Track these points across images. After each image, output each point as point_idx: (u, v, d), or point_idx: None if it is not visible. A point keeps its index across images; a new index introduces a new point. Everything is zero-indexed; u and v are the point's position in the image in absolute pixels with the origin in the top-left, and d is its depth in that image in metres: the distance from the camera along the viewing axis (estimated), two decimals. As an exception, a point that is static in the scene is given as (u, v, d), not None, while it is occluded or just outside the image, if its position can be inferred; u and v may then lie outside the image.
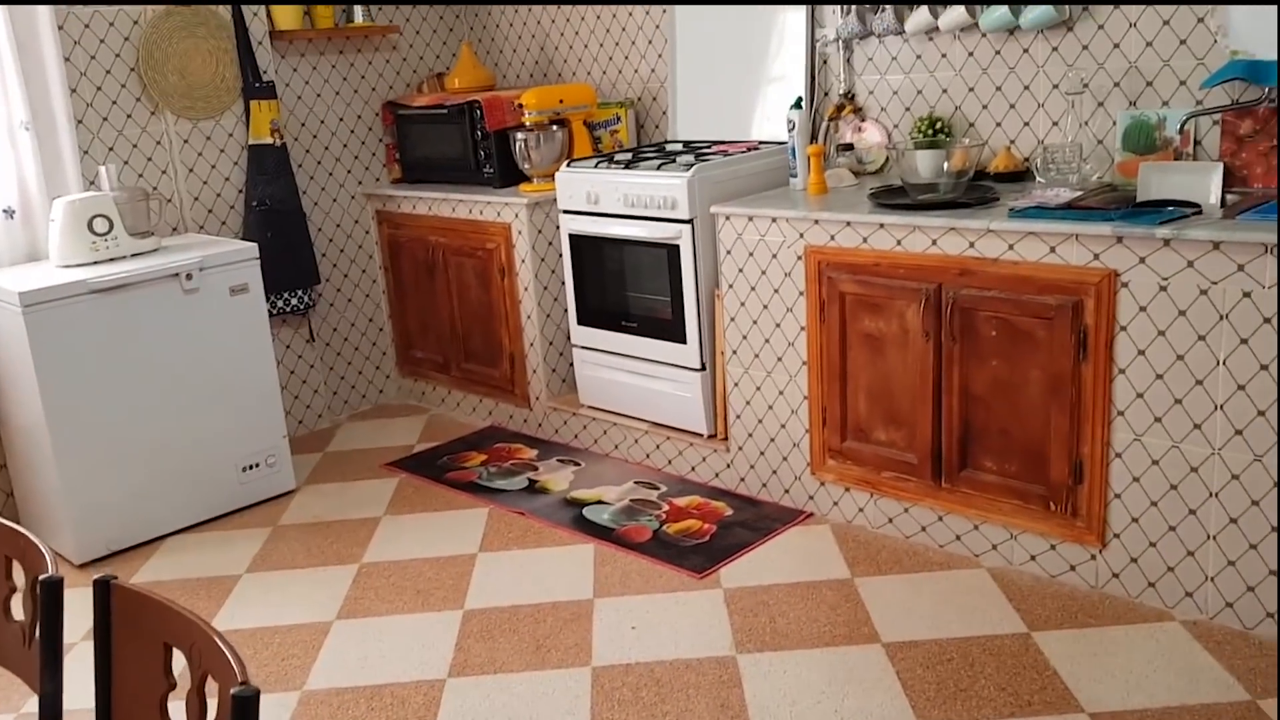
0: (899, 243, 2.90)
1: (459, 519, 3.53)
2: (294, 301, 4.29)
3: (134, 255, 3.56)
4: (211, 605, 3.11)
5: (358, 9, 4.33)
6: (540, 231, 3.96)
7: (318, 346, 4.48)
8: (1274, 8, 2.67)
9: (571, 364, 4.05)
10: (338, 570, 3.25)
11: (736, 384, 3.40)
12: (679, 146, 3.90)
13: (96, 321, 3.33)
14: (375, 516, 3.60)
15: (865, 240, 2.97)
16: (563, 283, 4.00)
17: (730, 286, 3.34)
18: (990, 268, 2.74)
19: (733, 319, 3.36)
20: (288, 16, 4.18)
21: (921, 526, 3.07)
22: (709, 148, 3.74)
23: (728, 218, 3.29)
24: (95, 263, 3.48)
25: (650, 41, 4.15)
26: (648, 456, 3.78)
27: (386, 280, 4.65)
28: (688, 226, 3.41)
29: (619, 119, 4.19)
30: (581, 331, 3.90)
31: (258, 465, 3.74)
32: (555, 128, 4.05)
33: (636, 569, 3.10)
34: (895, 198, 3.04)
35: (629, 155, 3.78)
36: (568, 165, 3.79)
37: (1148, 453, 2.60)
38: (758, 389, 3.35)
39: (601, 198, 3.64)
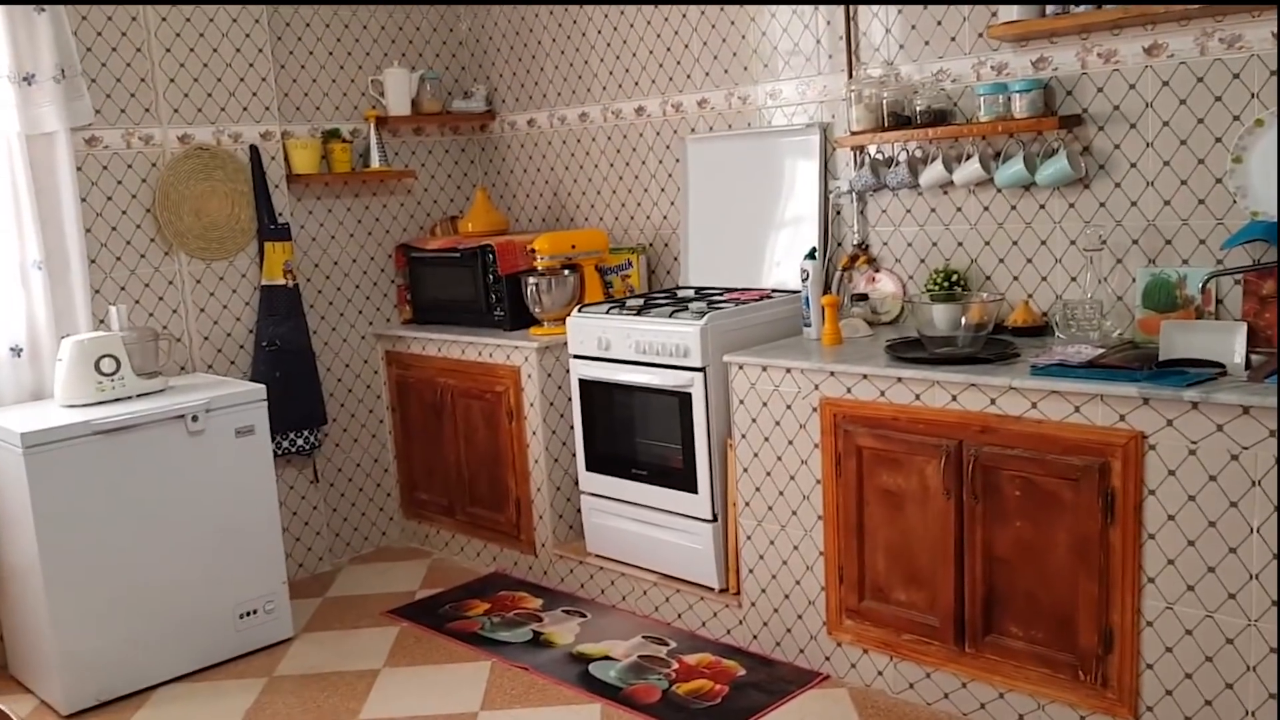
0: (918, 397, 2.85)
1: (460, 673, 3.39)
2: (299, 442, 4.23)
3: (140, 395, 3.52)
4: (198, 767, 2.96)
5: (374, 154, 4.40)
6: (550, 375, 3.92)
7: (321, 487, 4.40)
8: (1289, 171, 2.67)
9: (579, 510, 3.96)
10: (332, 729, 3.11)
11: (749, 537, 3.31)
12: (691, 293, 3.90)
13: (98, 463, 3.26)
14: (374, 668, 3.46)
15: (883, 394, 2.92)
16: (571, 428, 3.95)
17: (743, 436, 3.27)
18: (1013, 425, 2.68)
19: (745, 469, 3.29)
20: (305, 160, 4.24)
21: (944, 693, 2.93)
22: (721, 295, 3.73)
23: (741, 367, 3.25)
24: (100, 403, 3.43)
25: (663, 189, 4.19)
26: (656, 609, 3.65)
27: (393, 421, 4.60)
28: (700, 374, 3.37)
29: (630, 264, 4.20)
30: (590, 478, 3.82)
31: (256, 612, 3.62)
32: (567, 272, 4.05)
33: (645, 734, 2.95)
34: (912, 350, 3.01)
35: (641, 301, 3.77)
36: (579, 310, 3.78)
37: (1180, 622, 2.49)
38: (771, 543, 3.25)
39: (613, 343, 3.62)
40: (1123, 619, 2.56)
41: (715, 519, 3.44)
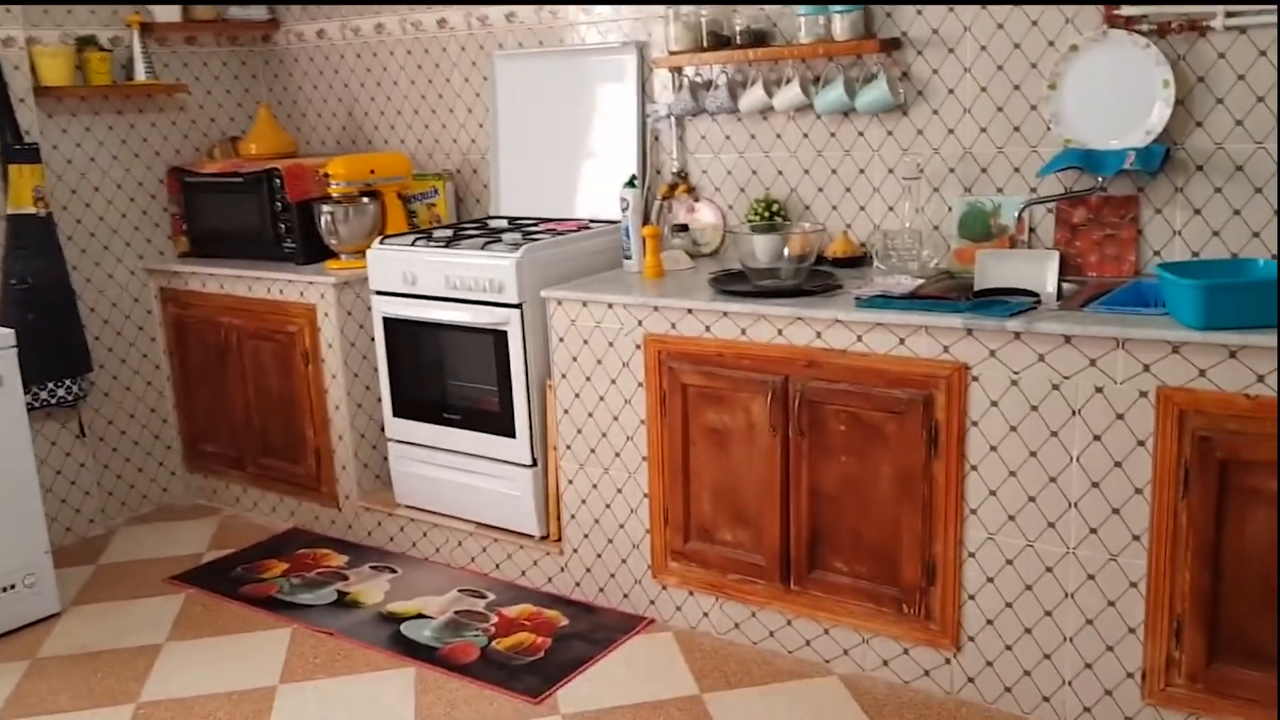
0: (743, 332, 2.74)
1: (256, 643, 3.10)
2: (60, 392, 3.77)
3: None
4: (-53, 768, 2.59)
5: (138, 66, 3.91)
6: (350, 314, 3.62)
7: (89, 442, 3.95)
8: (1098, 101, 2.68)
9: (386, 459, 3.70)
10: (109, 713, 2.78)
11: (571, 481, 3.15)
12: (503, 224, 3.66)
13: None
14: (156, 643, 3.13)
15: (708, 329, 2.80)
16: (375, 370, 3.67)
17: (563, 376, 3.10)
18: (838, 359, 2.61)
19: (566, 411, 3.11)
20: (56, 71, 3.72)
21: (770, 631, 2.88)
22: (536, 226, 3.52)
23: (560, 302, 3.06)
24: None
25: (470, 110, 3.91)
26: (473, 560, 3.46)
27: (171, 366, 4.18)
28: (516, 311, 3.16)
29: (436, 192, 3.92)
30: (397, 424, 3.56)
31: (14, 586, 3.21)
32: (366, 200, 3.73)
33: (464, 696, 2.77)
34: (736, 283, 2.89)
35: (449, 232, 3.51)
36: (380, 242, 3.49)
37: (1001, 552, 2.50)
38: (594, 486, 3.11)
39: (420, 278, 3.35)
40: (945, 551, 2.55)
41: (534, 464, 3.26)
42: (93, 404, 3.97)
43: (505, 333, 3.19)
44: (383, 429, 3.67)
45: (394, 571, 3.50)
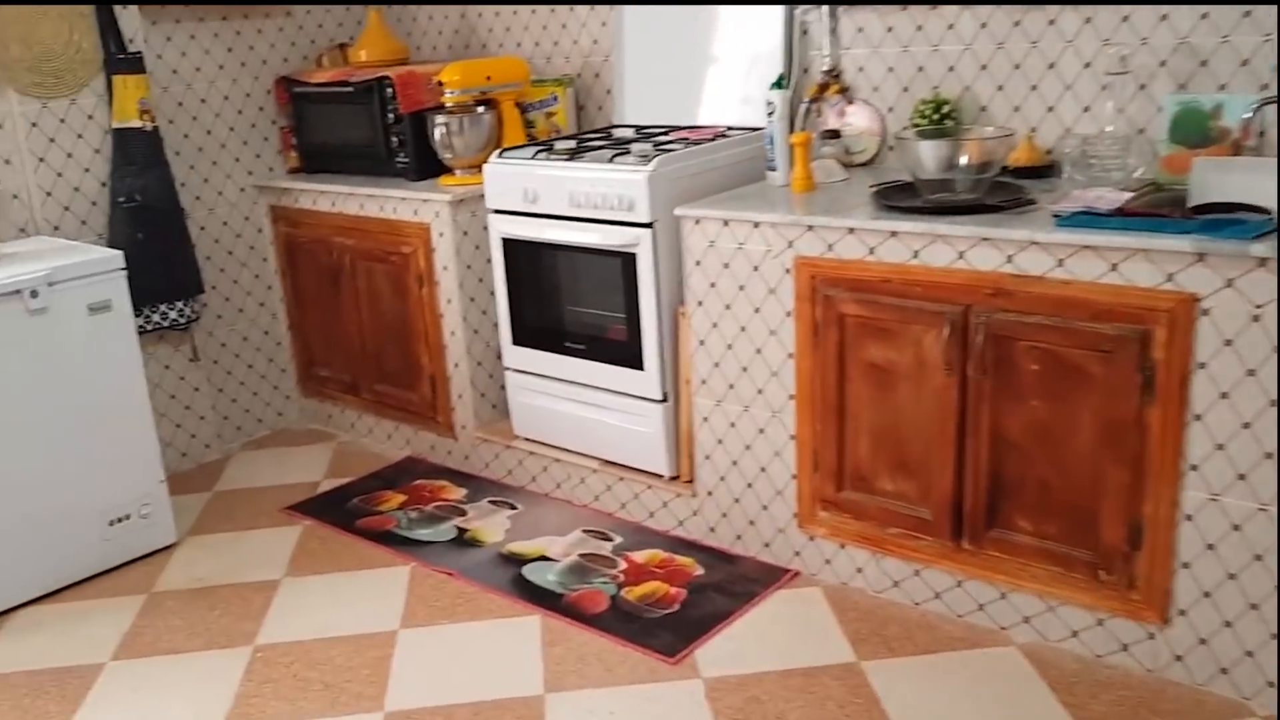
0: (915, 255, 2.38)
1: (375, 581, 2.93)
2: (173, 315, 3.62)
3: (-38, 266, 2.88)
4: (65, 709, 2.47)
5: (244, -33, 3.67)
6: (466, 234, 3.36)
7: (203, 366, 3.82)
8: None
9: (504, 388, 3.47)
10: (225, 656, 2.63)
11: (706, 419, 2.86)
12: (630, 133, 3.33)
13: (-91, 353, 2.65)
14: (273, 579, 2.98)
15: (872, 251, 2.45)
16: (493, 294, 3.41)
17: (699, 304, 2.79)
18: (1033, 288, 2.24)
19: (702, 342, 2.81)
20: (158, -26, 3.50)
21: (935, 593, 2.57)
22: (666, 135, 3.18)
23: (697, 221, 2.74)
24: (-91, 277, 2.79)
25: (591, 8, 3.56)
26: (596, 499, 3.22)
27: (284, 287, 4.00)
28: (647, 231, 2.85)
29: (556, 99, 3.60)
30: (516, 353, 3.31)
31: (128, 517, 3.09)
32: (481, 110, 3.44)
33: (594, 651, 2.54)
34: (904, 198, 2.52)
35: (572, 144, 3.20)
36: (498, 156, 3.20)
37: (1226, 515, 2.13)
38: (732, 425, 2.81)
39: (541, 195, 3.06)
40: (1156, 511, 2.19)
41: (665, 399, 2.98)
42: (205, 326, 3.82)
43: (634, 255, 2.89)
44: (500, 357, 3.43)
45: (513, 508, 3.28)
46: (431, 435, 3.65)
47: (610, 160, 2.92)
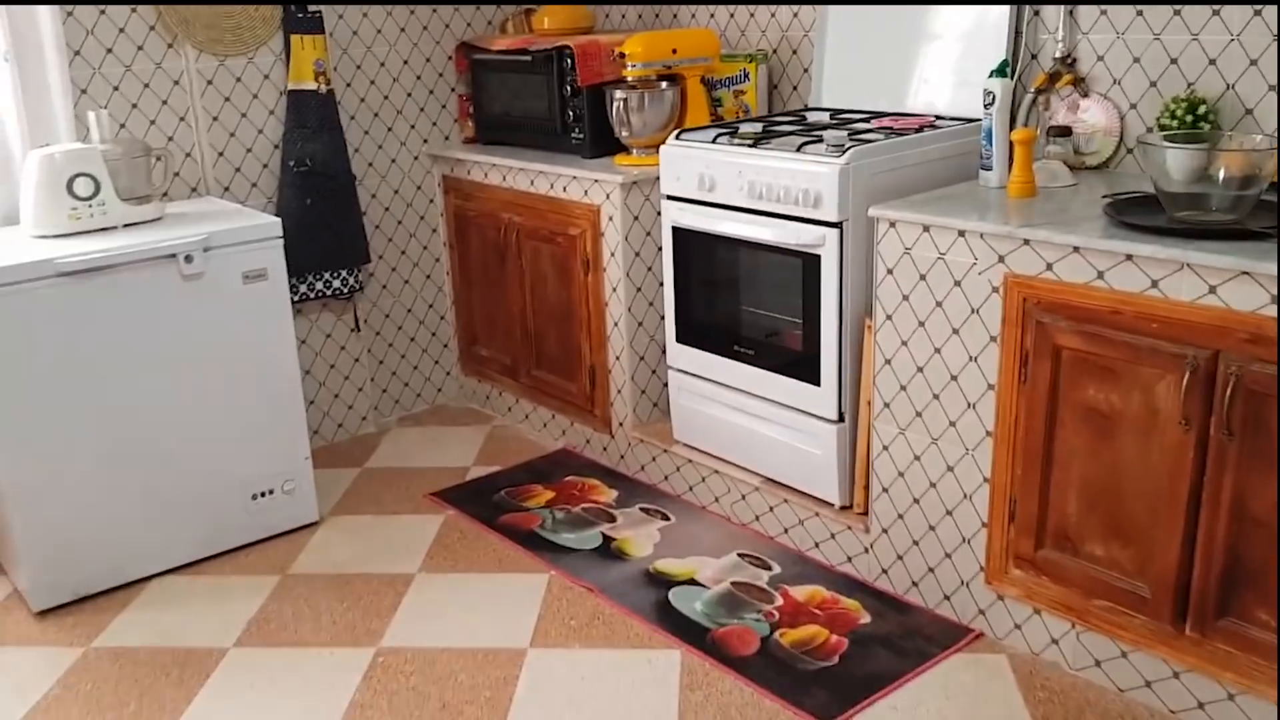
0: (1154, 284, 1.99)
1: (510, 588, 2.75)
2: (335, 284, 3.53)
3: (126, 226, 2.83)
4: (179, 696, 2.38)
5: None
6: (637, 218, 3.11)
7: (365, 336, 3.73)
8: None
9: (666, 386, 3.22)
10: (347, 656, 2.50)
11: (886, 447, 2.53)
12: (824, 118, 3.01)
13: (66, 311, 2.61)
14: (408, 573, 2.84)
15: (1101, 276, 2.06)
16: (661, 285, 3.17)
17: (888, 317, 2.45)
18: (1308, 338, 1.82)
19: (888, 361, 2.48)
20: (343, -68, 3.38)
21: (1145, 681, 2.17)
22: (866, 123, 2.84)
23: (893, 224, 2.40)
24: (76, 234, 2.76)
25: (793, -21, 3.25)
26: (757, 519, 2.94)
27: (451, 261, 3.86)
28: (835, 231, 2.53)
29: (747, 76, 3.30)
30: (681, 351, 3.05)
31: (271, 492, 3.01)
32: (664, 85, 3.19)
33: (738, 702, 2.27)
34: (1145, 214, 2.12)
35: (758, 127, 2.90)
36: (677, 136, 2.93)
37: None
38: (916, 458, 2.47)
39: (719, 183, 2.78)
40: None
41: (841, 419, 2.66)
42: (369, 296, 3.73)
43: (818, 257, 2.58)
44: (664, 352, 3.18)
45: (666, 519, 3.04)
46: (587, 429, 3.44)
47: (798, 149, 2.61)
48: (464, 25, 3.77)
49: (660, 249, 3.15)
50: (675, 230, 2.95)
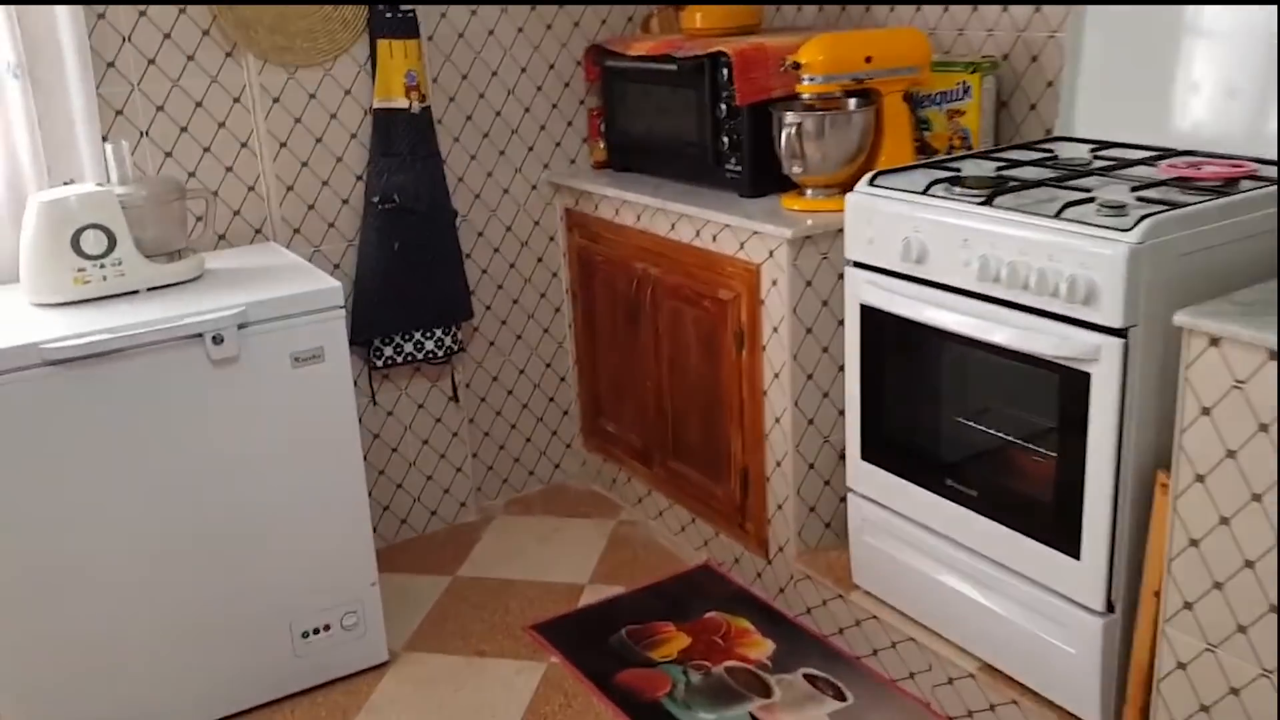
0: None
1: (623, 801, 2.01)
2: (430, 346, 2.86)
3: (151, 290, 2.22)
4: None
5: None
6: (809, 284, 2.32)
7: (467, 404, 3.05)
8: None
9: (844, 501, 2.42)
10: None
11: (1183, 665, 1.68)
12: (1083, 154, 2.14)
13: (61, 407, 2.00)
14: (490, 757, 2.15)
15: None
16: (840, 371, 2.37)
17: (1199, 479, 1.59)
18: None
19: (1195, 542, 1.62)
20: (447, -93, 2.68)
21: None
22: (1150, 165, 1.97)
23: (1215, 341, 1.53)
24: (83, 301, 2.15)
25: (1036, -41, 2.37)
26: (970, 717, 2.11)
27: (574, 311, 3.15)
28: (1117, 342, 1.68)
29: (967, 91, 2.45)
30: (866, 472, 2.24)
31: (327, 628, 2.35)
32: (853, 104, 2.38)
33: None
34: None
35: (989, 168, 2.06)
36: (872, 180, 2.12)
37: None
38: (1233, 691, 1.61)
39: (933, 253, 1.95)
40: None
41: (1111, 610, 1.81)
42: (474, 355, 3.05)
43: (1088, 376, 1.73)
44: (842, 457, 2.39)
45: (840, 697, 2.24)
46: (737, 545, 2.67)
47: (1058, 213, 1.76)
48: (598, 24, 3.03)
49: (840, 322, 2.35)
50: (865, 310, 2.14)
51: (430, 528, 3.03)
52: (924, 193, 1.99)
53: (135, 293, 2.20)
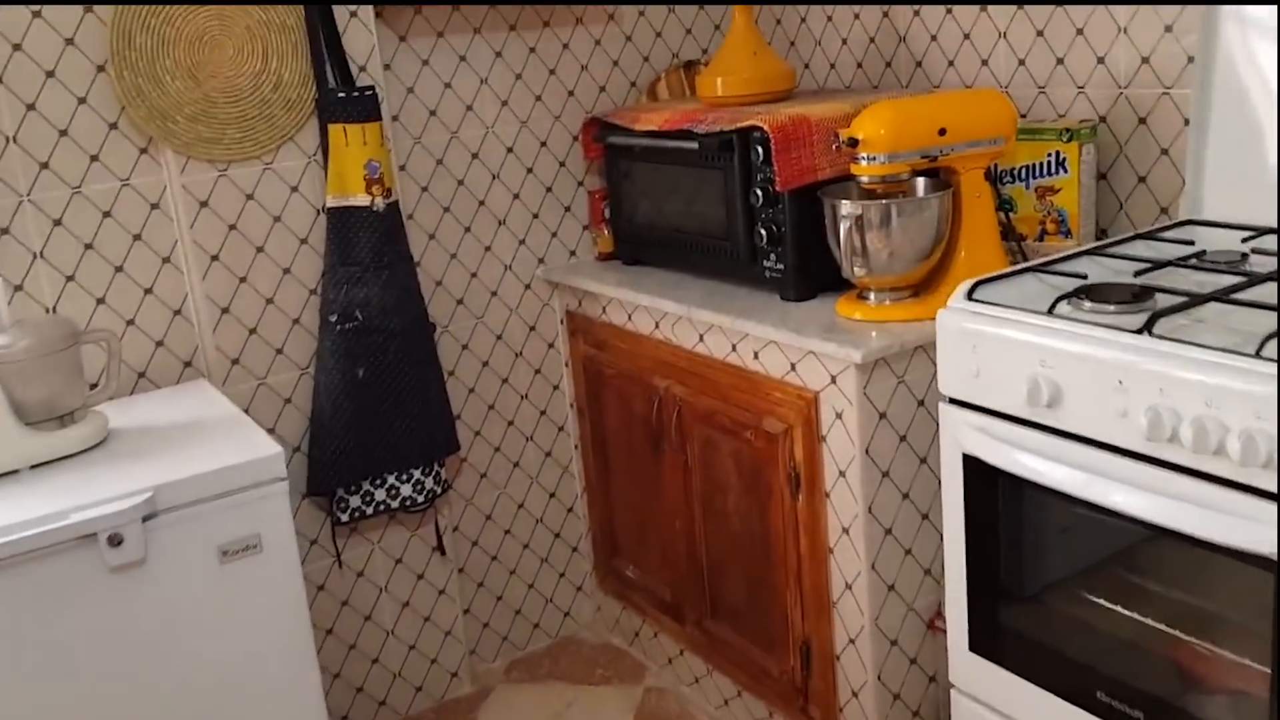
0: None
1: None
2: (406, 490, 2.34)
3: (35, 469, 1.70)
4: None
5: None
6: (884, 416, 1.82)
7: (454, 553, 2.52)
8: None
9: (933, 682, 1.90)
10: None
11: None
12: (1236, 245, 1.64)
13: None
14: None
15: None
16: (924, 517, 1.85)
17: None
18: None
19: None
20: (410, -38, 2.21)
21: None
22: (1353, 266, 1.47)
23: None
24: (-60, 491, 1.64)
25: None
26: None
27: (581, 431, 2.64)
28: (1380, 541, 1.17)
29: (1063, 164, 1.96)
30: (978, 669, 1.71)
31: None
32: (924, 185, 1.89)
33: None
34: None
35: (1126, 273, 1.56)
36: (968, 294, 1.61)
37: None
38: None
39: (1069, 396, 1.44)
40: None
41: None
42: (462, 490, 2.54)
43: (1325, 578, 1.22)
44: (930, 626, 1.86)
45: None
46: (794, 731, 2.14)
47: (1259, 350, 1.26)
48: (596, 89, 2.55)
49: (923, 460, 1.84)
50: (971, 463, 1.62)
51: (415, 708, 2.49)
52: (1049, 312, 1.49)
53: (16, 472, 1.69)
